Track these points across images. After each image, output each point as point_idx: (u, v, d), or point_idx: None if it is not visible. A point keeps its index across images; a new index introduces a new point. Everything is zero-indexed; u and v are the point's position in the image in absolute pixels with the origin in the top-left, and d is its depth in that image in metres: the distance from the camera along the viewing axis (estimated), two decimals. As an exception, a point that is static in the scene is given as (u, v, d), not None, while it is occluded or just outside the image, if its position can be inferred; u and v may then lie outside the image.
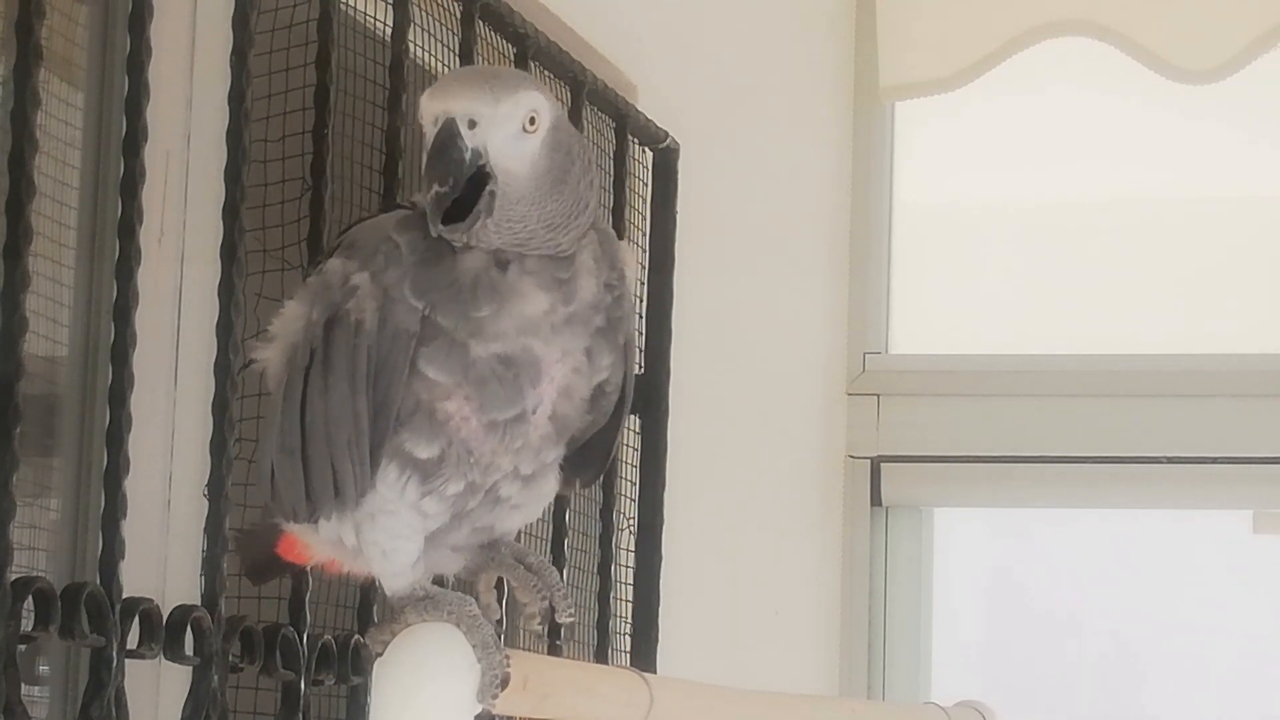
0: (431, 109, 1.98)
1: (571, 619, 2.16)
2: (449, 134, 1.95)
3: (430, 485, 2.01)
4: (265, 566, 2.27)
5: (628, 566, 3.50)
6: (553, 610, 2.09)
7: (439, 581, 2.13)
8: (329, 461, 1.99)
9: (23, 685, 2.18)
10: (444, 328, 1.98)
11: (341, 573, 2.16)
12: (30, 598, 2.19)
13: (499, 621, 2.14)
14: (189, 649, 2.40)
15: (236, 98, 2.51)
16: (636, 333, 2.15)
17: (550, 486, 2.11)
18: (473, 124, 1.96)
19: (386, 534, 2.02)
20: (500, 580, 2.15)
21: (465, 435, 2.00)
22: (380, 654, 1.98)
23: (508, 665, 1.95)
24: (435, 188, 1.95)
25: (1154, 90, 4.71)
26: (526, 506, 2.10)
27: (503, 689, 1.95)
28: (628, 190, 3.51)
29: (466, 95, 1.97)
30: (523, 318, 1.99)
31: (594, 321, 2.05)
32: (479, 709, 1.96)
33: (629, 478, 3.49)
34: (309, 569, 2.28)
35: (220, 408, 2.45)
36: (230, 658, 2.45)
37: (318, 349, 1.99)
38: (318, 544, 2.10)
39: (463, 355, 1.98)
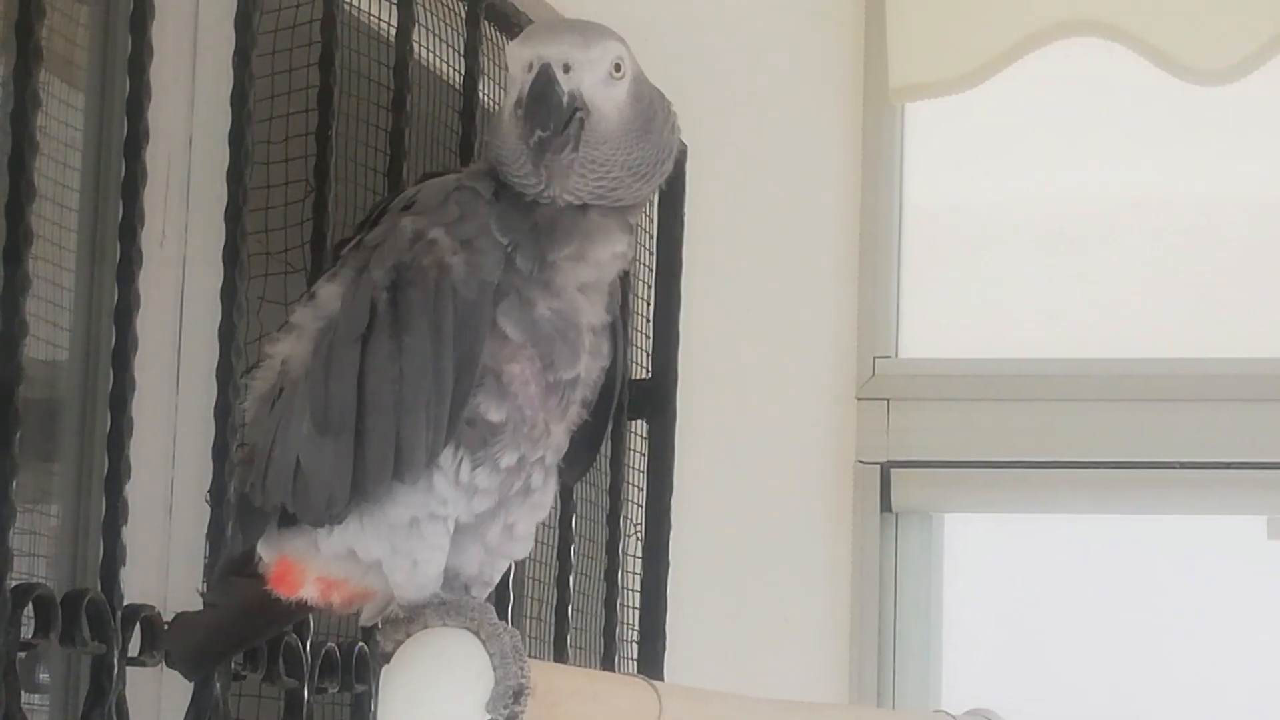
0: (523, 55, 2.00)
1: None
2: (547, 78, 1.97)
3: (487, 452, 1.99)
4: (205, 656, 2.22)
5: (634, 573, 3.48)
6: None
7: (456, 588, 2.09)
8: (394, 432, 1.95)
9: (23, 693, 2.18)
10: (515, 280, 1.98)
11: (331, 602, 2.09)
12: (30, 604, 2.18)
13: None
14: (191, 657, 2.38)
15: (239, 99, 2.50)
16: (624, 323, 2.16)
17: (549, 497, 2.10)
18: (567, 68, 1.99)
19: (424, 543, 1.99)
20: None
21: (522, 401, 2.00)
22: (390, 652, 1.95)
23: (524, 677, 1.92)
24: (538, 133, 1.97)
25: (1166, 92, 4.69)
26: (529, 538, 2.10)
27: (517, 702, 1.91)
28: (635, 192, 3.49)
29: (560, 41, 2.00)
30: (598, 261, 2.02)
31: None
32: (488, 720, 1.92)
33: (636, 483, 3.47)
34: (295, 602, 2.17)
35: (223, 412, 2.44)
36: (233, 665, 2.43)
37: (382, 312, 1.97)
38: (319, 563, 2.04)
39: (529, 312, 1.99)
